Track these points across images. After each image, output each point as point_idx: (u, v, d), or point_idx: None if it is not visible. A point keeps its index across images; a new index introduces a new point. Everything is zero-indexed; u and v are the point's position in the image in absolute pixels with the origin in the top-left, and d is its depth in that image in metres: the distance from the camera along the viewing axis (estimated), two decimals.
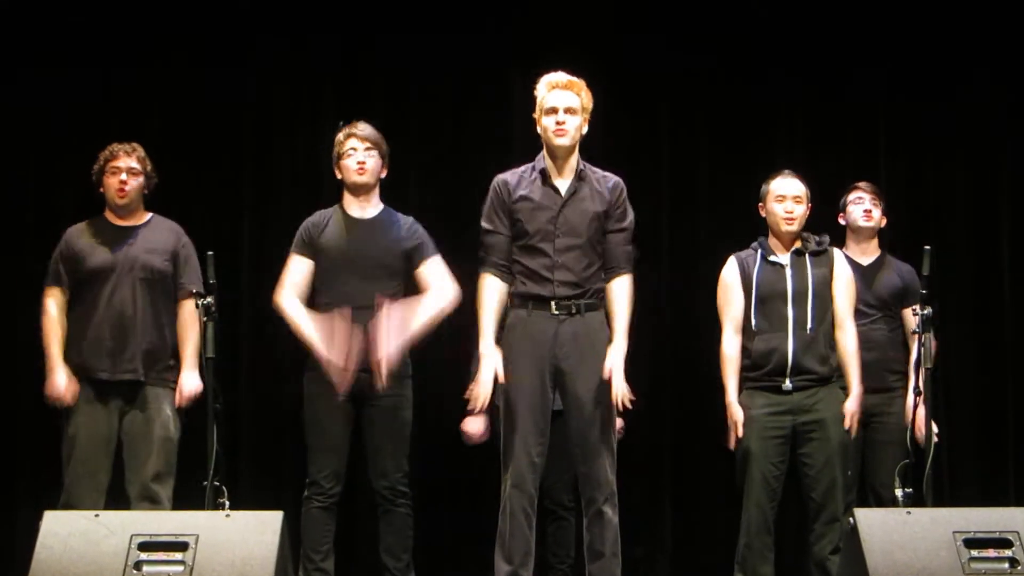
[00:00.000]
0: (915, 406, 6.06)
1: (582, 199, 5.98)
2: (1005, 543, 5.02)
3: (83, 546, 4.82)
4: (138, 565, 4.77)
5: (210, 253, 5.80)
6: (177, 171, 7.51)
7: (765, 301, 6.49)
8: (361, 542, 7.35)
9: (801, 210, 6.56)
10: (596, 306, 5.96)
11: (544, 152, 6.04)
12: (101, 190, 6.69)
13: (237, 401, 7.57)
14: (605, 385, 5.89)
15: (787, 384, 6.43)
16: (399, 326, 6.31)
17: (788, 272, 6.52)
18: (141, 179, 6.67)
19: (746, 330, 6.53)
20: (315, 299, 6.49)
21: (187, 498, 5.66)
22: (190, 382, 6.55)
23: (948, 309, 6.47)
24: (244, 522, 4.96)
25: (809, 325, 6.45)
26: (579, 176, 5.99)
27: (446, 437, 7.19)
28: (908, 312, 6.74)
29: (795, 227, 6.55)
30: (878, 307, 6.92)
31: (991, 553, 4.91)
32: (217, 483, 5.47)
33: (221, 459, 5.53)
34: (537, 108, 6.01)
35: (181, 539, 4.85)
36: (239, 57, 7.91)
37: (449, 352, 7.13)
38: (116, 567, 4.76)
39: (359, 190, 6.57)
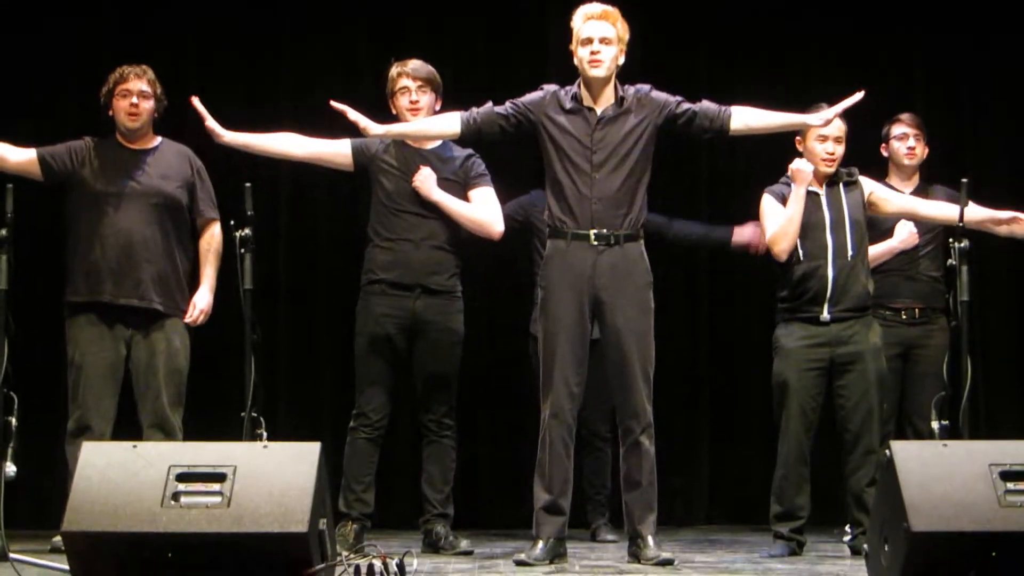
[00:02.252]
0: (953, 337, 6.04)
1: (622, 122, 5.93)
2: None
3: (121, 477, 4.83)
4: (176, 496, 4.77)
5: (247, 184, 5.78)
6: (216, 102, 7.52)
7: (804, 230, 6.45)
8: (400, 472, 7.40)
9: (840, 150, 6.52)
10: (635, 236, 5.94)
11: (580, 82, 6.01)
12: (110, 113, 6.60)
13: (275, 333, 7.60)
14: (643, 316, 5.89)
15: (825, 315, 6.42)
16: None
17: (824, 201, 6.49)
18: (152, 102, 6.57)
19: (788, 259, 6.49)
20: (371, 229, 6.52)
21: (225, 429, 5.67)
22: (203, 299, 6.53)
23: (987, 241, 6.42)
24: (282, 453, 4.96)
25: (850, 252, 6.43)
26: (619, 103, 5.96)
27: (486, 369, 7.21)
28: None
29: (833, 168, 6.52)
30: (921, 235, 6.89)
31: None
32: (255, 414, 5.49)
33: (259, 390, 5.55)
34: (573, 39, 5.98)
35: (219, 470, 4.84)
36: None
37: (491, 288, 7.14)
38: (154, 497, 4.77)
39: None
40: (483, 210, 6.55)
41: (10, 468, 5.65)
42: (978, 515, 4.79)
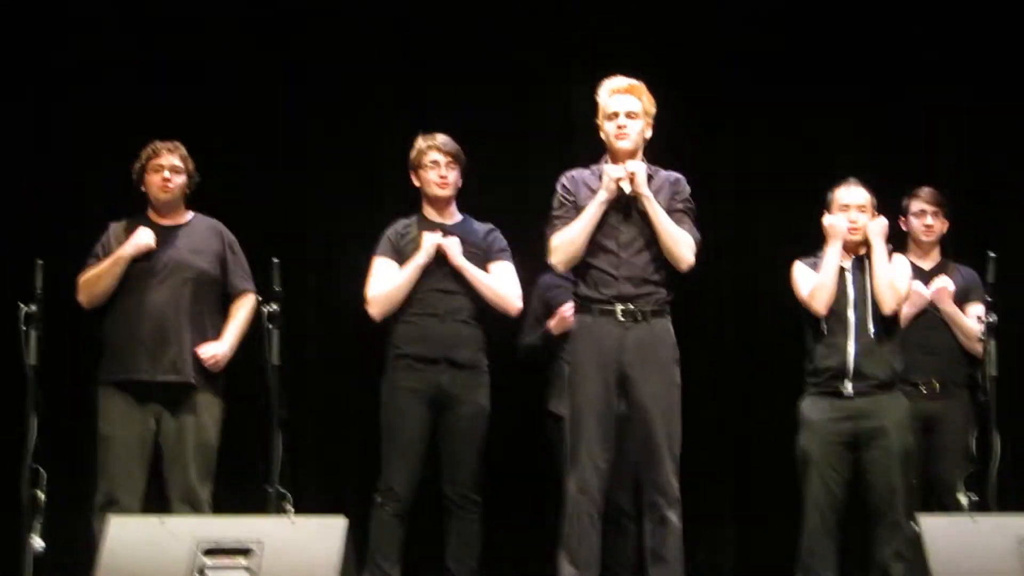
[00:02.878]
0: (980, 412, 6.03)
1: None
2: None
3: (149, 551, 4.86)
4: (202, 571, 4.80)
5: (275, 260, 5.83)
6: (241, 174, 7.57)
7: (831, 307, 6.47)
8: (426, 545, 7.37)
9: (865, 219, 6.52)
10: (662, 312, 5.95)
11: (607, 157, 6.05)
12: (142, 188, 6.62)
13: (301, 407, 7.60)
14: (670, 391, 5.89)
15: (847, 389, 6.41)
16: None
17: (850, 277, 6.49)
18: (184, 177, 6.61)
19: (812, 332, 6.51)
20: (400, 308, 6.53)
21: (251, 504, 5.68)
22: (219, 346, 6.51)
23: (1013, 312, 6.42)
24: (308, 527, 4.99)
25: (872, 329, 6.42)
26: (647, 180, 5.96)
27: (511, 442, 7.20)
28: (970, 315, 6.71)
29: (859, 236, 6.52)
30: (940, 312, 6.89)
31: None
32: (281, 489, 5.50)
33: (286, 465, 5.56)
34: (599, 114, 6.02)
35: (245, 545, 4.88)
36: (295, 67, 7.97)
37: (516, 363, 7.16)
38: (181, 572, 4.80)
39: (439, 202, 6.61)
40: (503, 283, 6.57)
41: (37, 543, 5.67)
42: None
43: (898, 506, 6.34)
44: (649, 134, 6.04)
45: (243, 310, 6.62)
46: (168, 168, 6.57)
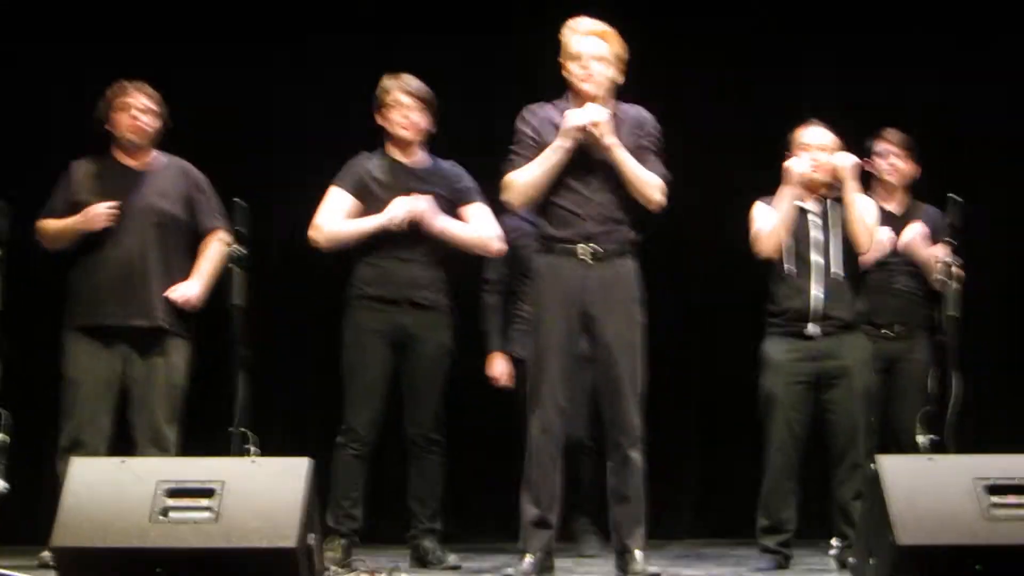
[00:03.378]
0: (940, 353, 6.07)
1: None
2: None
3: (110, 492, 4.86)
4: (165, 511, 4.79)
5: (237, 200, 5.82)
6: (207, 115, 7.53)
7: (792, 246, 6.49)
8: (388, 486, 7.40)
9: (827, 158, 6.52)
10: (625, 253, 5.93)
11: (568, 95, 5.97)
12: (107, 127, 6.55)
13: (265, 348, 7.59)
14: (633, 331, 5.90)
15: (810, 329, 6.44)
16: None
17: (812, 218, 6.51)
18: (158, 121, 6.55)
19: (775, 273, 6.53)
20: (360, 247, 6.52)
21: (214, 446, 5.69)
22: (190, 287, 6.50)
23: (975, 254, 6.45)
24: (271, 468, 4.99)
25: (834, 270, 6.45)
26: (611, 118, 5.88)
27: (473, 383, 7.22)
28: (932, 255, 6.72)
29: (823, 176, 6.52)
30: (904, 255, 6.91)
31: (1012, 499, 4.91)
32: (244, 430, 5.51)
33: (248, 406, 5.56)
34: (564, 53, 5.95)
35: (208, 485, 4.87)
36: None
37: (477, 304, 7.17)
38: (143, 512, 4.79)
39: (403, 143, 6.56)
40: (481, 229, 6.56)
41: (1, 484, 5.67)
42: (963, 528, 4.84)
43: (859, 446, 6.39)
44: (621, 80, 5.99)
45: (213, 247, 6.57)
46: (139, 108, 6.50)
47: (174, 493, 4.86)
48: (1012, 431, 7.34)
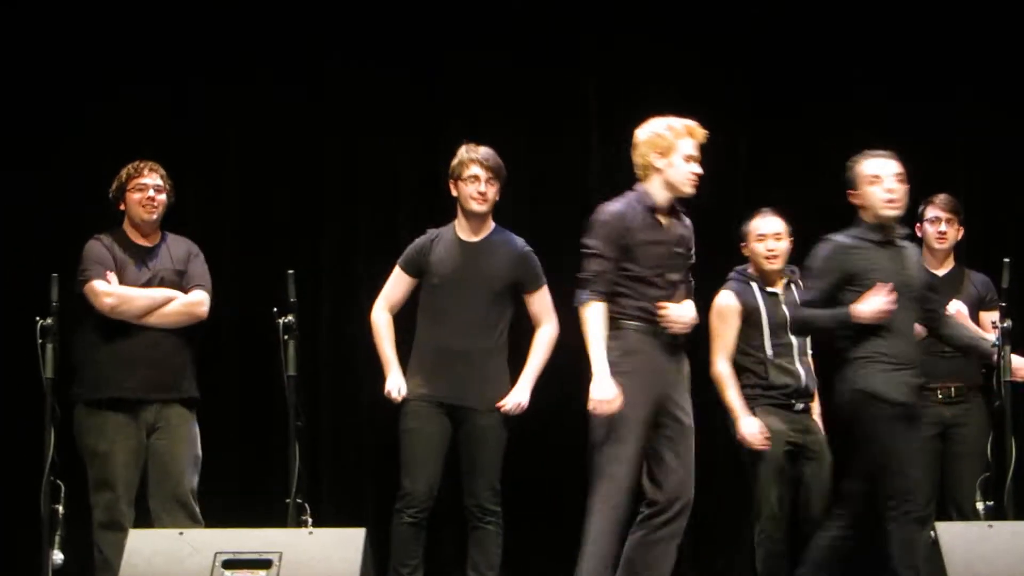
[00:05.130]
0: (996, 417, 6.03)
1: (679, 235, 6.05)
2: None
3: (167, 564, 4.88)
4: None
5: (290, 272, 5.85)
6: (255, 188, 7.56)
7: (775, 331, 6.70)
8: (448, 555, 7.38)
9: (783, 246, 6.77)
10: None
11: (653, 190, 6.00)
12: (121, 207, 6.59)
13: (318, 418, 7.61)
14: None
15: (799, 405, 6.69)
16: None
17: (783, 303, 6.74)
18: (165, 197, 6.58)
19: (751, 355, 6.72)
20: (419, 318, 6.56)
21: (270, 516, 5.70)
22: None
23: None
24: (327, 539, 5.00)
25: (810, 351, 6.74)
26: (675, 215, 6.05)
27: (534, 453, 7.20)
28: (985, 321, 6.70)
29: (778, 264, 6.76)
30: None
31: None
32: (299, 500, 5.51)
33: (303, 476, 5.57)
34: (662, 149, 5.95)
35: (265, 556, 4.89)
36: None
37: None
38: None
39: (475, 216, 6.57)
40: (547, 329, 6.61)
41: (57, 556, 5.69)
42: None
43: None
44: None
45: (183, 300, 6.52)
46: (152, 187, 6.55)
47: (231, 564, 4.87)
48: None
